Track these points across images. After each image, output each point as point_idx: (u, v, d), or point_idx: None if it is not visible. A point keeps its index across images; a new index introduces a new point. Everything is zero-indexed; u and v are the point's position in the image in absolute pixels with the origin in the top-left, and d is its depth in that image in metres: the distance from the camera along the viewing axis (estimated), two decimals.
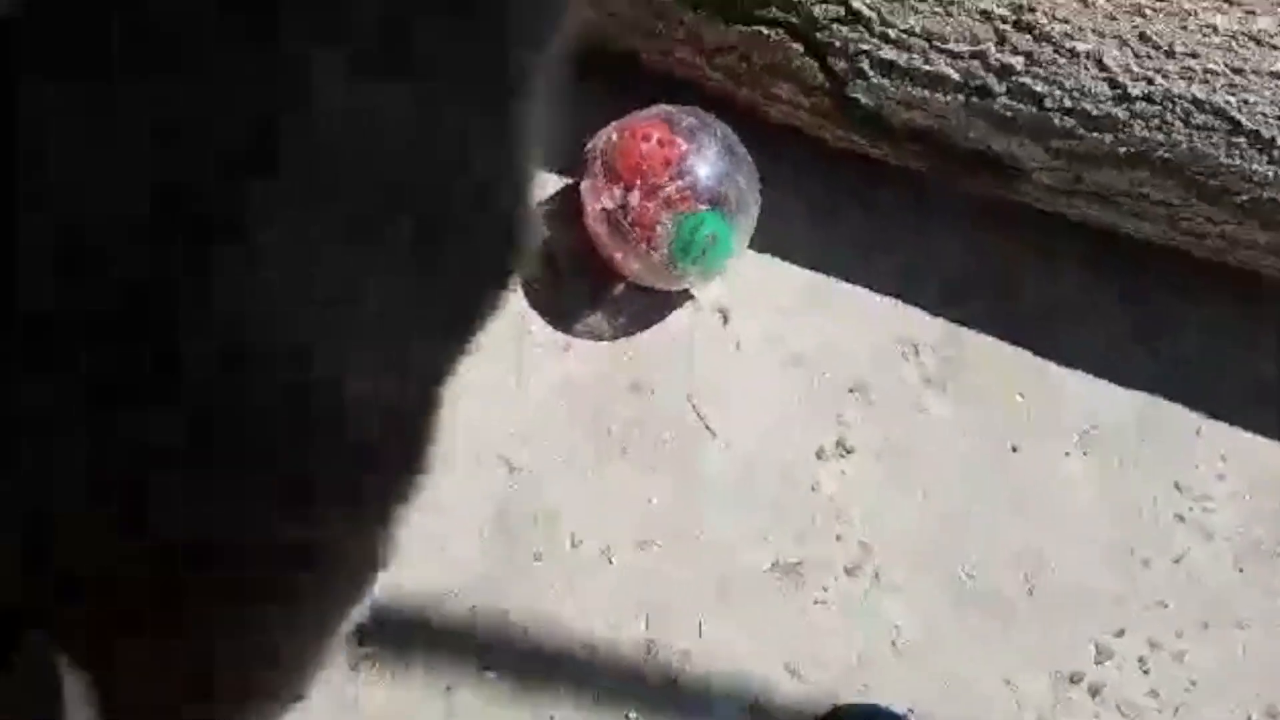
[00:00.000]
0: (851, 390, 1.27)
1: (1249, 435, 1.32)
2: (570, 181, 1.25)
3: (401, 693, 1.11)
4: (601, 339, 1.25)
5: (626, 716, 1.14)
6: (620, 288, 1.24)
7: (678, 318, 1.26)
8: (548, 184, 1.26)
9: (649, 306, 1.26)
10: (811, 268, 1.31)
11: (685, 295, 1.26)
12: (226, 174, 0.52)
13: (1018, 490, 1.27)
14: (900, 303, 1.32)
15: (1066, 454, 1.29)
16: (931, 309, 1.32)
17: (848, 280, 1.31)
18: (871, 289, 1.31)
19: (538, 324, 1.24)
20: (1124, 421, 1.31)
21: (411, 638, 1.13)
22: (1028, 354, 1.32)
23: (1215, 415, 1.32)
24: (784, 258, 1.30)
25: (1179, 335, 1.34)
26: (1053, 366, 1.32)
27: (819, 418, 1.26)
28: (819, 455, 1.24)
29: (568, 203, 1.24)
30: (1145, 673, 1.23)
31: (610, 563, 1.18)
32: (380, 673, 1.11)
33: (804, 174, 1.31)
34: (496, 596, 1.16)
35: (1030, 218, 1.31)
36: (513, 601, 1.16)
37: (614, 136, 1.19)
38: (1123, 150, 1.19)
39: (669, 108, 1.21)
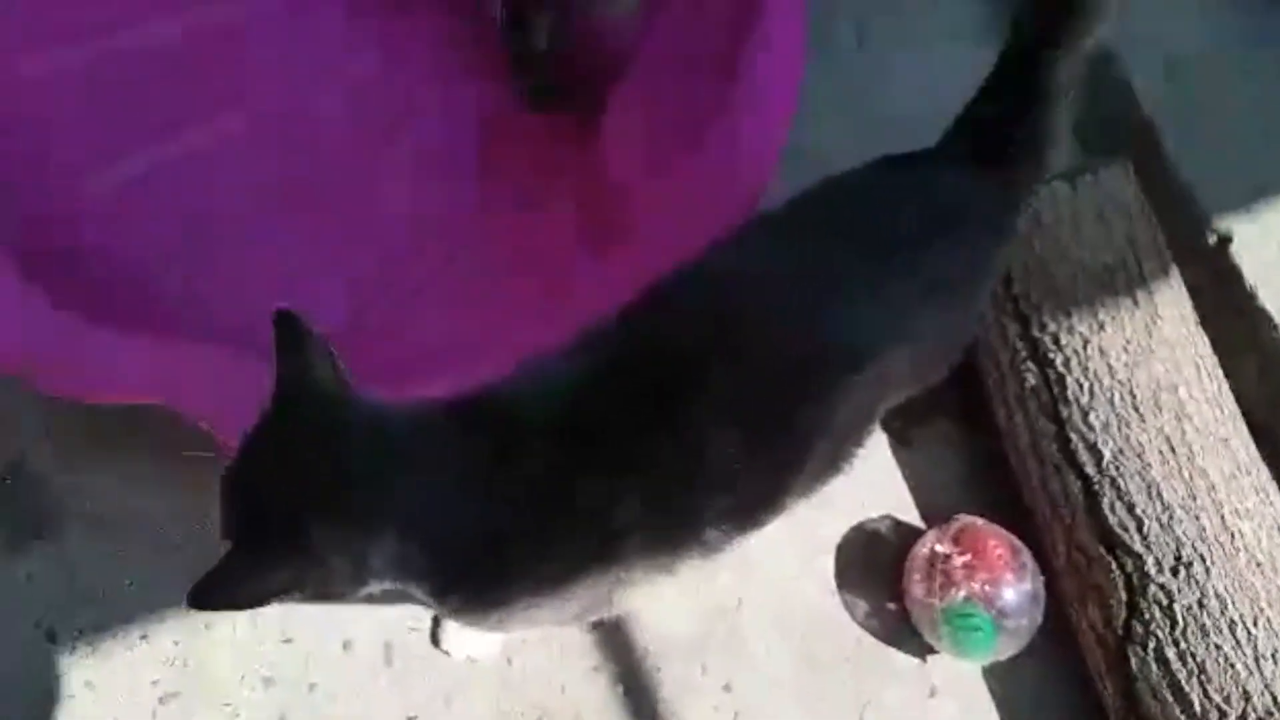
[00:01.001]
0: None
1: None
2: (925, 526, 1.67)
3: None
4: (854, 619, 1.62)
5: None
6: (894, 605, 1.62)
7: (905, 659, 1.60)
8: (912, 517, 1.69)
9: (895, 633, 1.61)
10: None
11: (924, 651, 1.60)
12: None
13: None
14: None
15: None
16: None
17: None
18: None
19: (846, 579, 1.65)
20: None
21: None
22: None
23: None
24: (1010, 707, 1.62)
25: None
26: None
27: None
28: None
29: (911, 536, 1.65)
30: None
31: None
32: None
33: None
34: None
35: None
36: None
37: (977, 524, 1.59)
38: None
39: (1023, 545, 1.59)
